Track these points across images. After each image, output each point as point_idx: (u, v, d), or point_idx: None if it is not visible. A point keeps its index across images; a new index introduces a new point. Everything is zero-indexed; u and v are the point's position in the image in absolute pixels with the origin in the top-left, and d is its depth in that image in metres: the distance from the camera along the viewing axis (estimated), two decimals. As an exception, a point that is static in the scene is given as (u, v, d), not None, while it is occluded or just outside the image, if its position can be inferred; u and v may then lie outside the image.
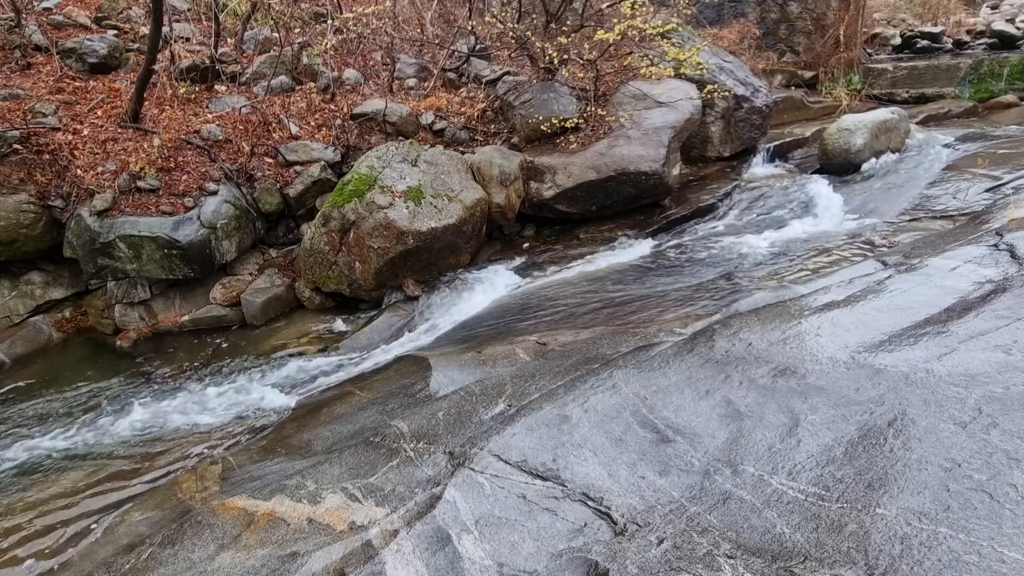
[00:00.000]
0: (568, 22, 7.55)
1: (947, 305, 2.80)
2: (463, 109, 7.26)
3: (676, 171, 6.81)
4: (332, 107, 7.07)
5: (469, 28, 8.00)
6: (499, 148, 6.50)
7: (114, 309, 5.49)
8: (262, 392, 4.41)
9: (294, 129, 6.60)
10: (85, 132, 5.86)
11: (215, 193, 5.71)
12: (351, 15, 7.67)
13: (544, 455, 2.40)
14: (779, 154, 8.10)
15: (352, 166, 5.98)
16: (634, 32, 6.66)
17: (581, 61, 6.98)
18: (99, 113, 6.16)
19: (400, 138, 6.62)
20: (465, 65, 7.95)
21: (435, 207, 5.51)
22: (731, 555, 1.82)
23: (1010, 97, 9.82)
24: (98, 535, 3.04)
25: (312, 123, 6.82)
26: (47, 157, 5.49)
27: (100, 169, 5.58)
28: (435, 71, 7.99)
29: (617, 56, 7.52)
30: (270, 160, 6.33)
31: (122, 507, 3.28)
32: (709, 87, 6.96)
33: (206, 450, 3.78)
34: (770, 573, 1.74)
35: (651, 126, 6.57)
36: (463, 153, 6.44)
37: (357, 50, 8.39)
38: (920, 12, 13.43)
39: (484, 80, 7.59)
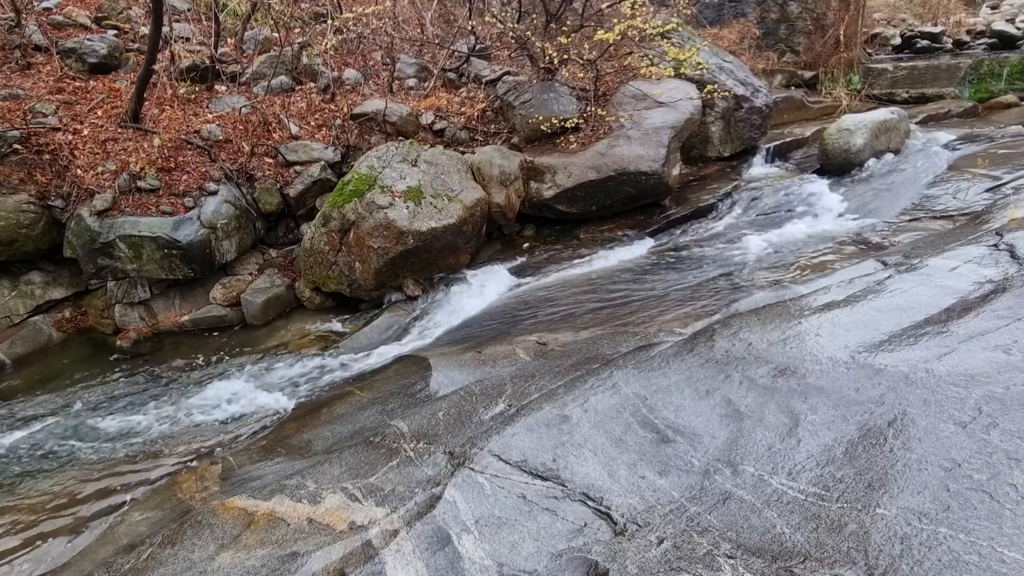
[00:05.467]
0: (568, 22, 7.54)
1: (947, 305, 2.80)
2: (463, 109, 7.25)
3: (676, 171, 6.81)
4: (332, 107, 7.07)
5: (469, 28, 8.00)
6: (499, 148, 6.50)
7: (114, 309, 5.50)
8: (262, 392, 4.41)
9: (294, 129, 6.60)
10: (85, 132, 5.86)
11: (215, 193, 5.71)
12: (351, 15, 7.67)
13: (544, 455, 2.40)
14: (779, 154, 8.09)
15: (352, 166, 5.98)
16: (634, 32, 6.66)
17: (581, 61, 6.98)
18: (99, 113, 6.16)
19: (400, 138, 6.62)
20: (465, 65, 7.94)
21: (435, 207, 5.51)
22: (731, 555, 1.82)
23: (1010, 97, 9.82)
24: (98, 535, 3.04)
25: (312, 123, 6.82)
26: (47, 157, 5.49)
27: (100, 169, 5.58)
28: (435, 71, 7.99)
29: (617, 56, 7.52)
30: (270, 160, 6.33)
31: (122, 507, 3.28)
32: (709, 87, 6.97)
33: (206, 450, 3.78)
34: (770, 573, 1.74)
35: (651, 126, 6.56)
36: (463, 153, 6.44)
37: (357, 50, 8.39)
38: (920, 12, 13.43)
39: (484, 80, 7.58)
